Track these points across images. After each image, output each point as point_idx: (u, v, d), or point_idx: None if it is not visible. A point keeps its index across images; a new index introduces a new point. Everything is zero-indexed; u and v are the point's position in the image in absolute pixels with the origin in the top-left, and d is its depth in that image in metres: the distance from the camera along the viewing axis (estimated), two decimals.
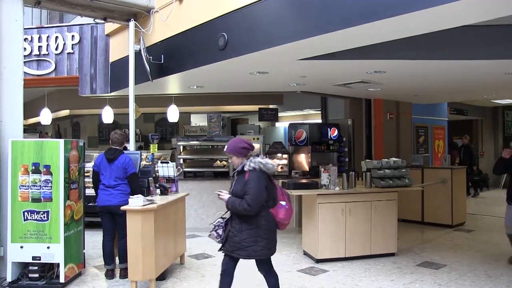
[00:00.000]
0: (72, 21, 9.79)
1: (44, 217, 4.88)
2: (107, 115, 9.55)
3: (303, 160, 8.92)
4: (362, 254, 6.03)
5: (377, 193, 6.18)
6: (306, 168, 8.69)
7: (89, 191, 5.81)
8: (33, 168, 4.89)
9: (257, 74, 6.49)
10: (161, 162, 6.06)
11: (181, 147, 8.66)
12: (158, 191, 5.62)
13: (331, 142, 8.90)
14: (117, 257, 5.35)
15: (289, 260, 6.10)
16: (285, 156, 8.50)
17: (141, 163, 5.89)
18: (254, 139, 8.40)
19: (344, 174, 6.18)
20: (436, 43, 5.03)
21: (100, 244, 5.46)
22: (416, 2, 3.36)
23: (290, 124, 9.77)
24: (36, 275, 4.90)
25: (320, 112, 10.55)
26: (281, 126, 12.35)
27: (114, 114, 9.67)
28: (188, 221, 6.39)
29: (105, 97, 9.15)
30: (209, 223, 4.06)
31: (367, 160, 7.29)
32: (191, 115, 12.37)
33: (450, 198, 8.19)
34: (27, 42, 8.23)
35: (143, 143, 11.42)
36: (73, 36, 8.42)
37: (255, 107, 10.91)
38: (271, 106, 11.19)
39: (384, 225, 6.13)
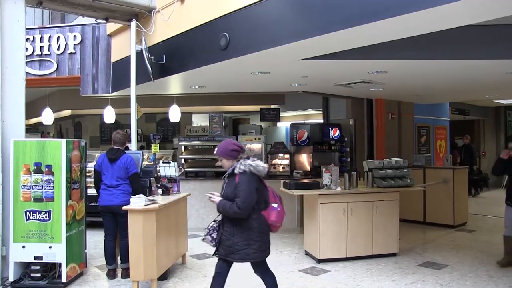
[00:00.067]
0: (74, 21, 9.79)
1: (46, 217, 4.88)
2: (109, 115, 9.56)
3: (304, 160, 8.92)
4: (363, 254, 6.03)
5: (379, 193, 6.17)
6: (308, 168, 8.68)
7: (91, 191, 5.81)
8: (35, 168, 4.89)
9: (259, 74, 6.49)
10: (163, 162, 6.06)
11: (182, 147, 8.66)
12: (159, 191, 5.62)
13: (332, 142, 8.89)
14: (118, 257, 5.36)
15: (291, 260, 6.10)
16: (287, 156, 8.49)
17: (143, 163, 5.90)
18: (255, 139, 8.40)
19: (346, 174, 6.17)
20: (438, 43, 5.02)
21: (101, 244, 5.46)
22: (417, 2, 3.37)
23: (291, 124, 9.77)
24: (38, 275, 4.91)
25: (321, 112, 10.54)
26: (283, 126, 12.35)
27: (116, 114, 9.69)
28: (190, 221, 6.39)
29: (106, 97, 9.17)
30: (204, 227, 4.03)
31: (369, 160, 7.28)
32: (193, 115, 12.38)
33: (452, 198, 8.17)
34: (29, 42, 8.24)
35: (144, 143, 11.44)
36: (75, 36, 8.43)
37: (256, 107, 10.92)
38: (272, 106, 11.20)
39: (385, 225, 6.12)
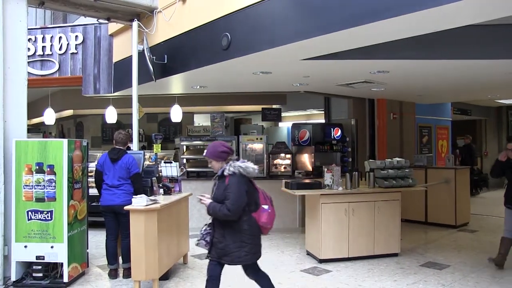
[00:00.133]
0: (75, 21, 9.81)
1: (47, 216, 4.89)
2: (111, 115, 9.57)
3: (306, 160, 8.91)
4: (365, 254, 6.02)
5: (381, 193, 6.16)
6: (309, 168, 8.68)
7: (93, 191, 5.82)
8: (37, 168, 4.90)
9: (260, 74, 6.49)
10: (164, 162, 6.06)
11: (184, 147, 8.67)
12: (161, 191, 5.62)
13: (334, 142, 8.89)
14: (120, 257, 5.37)
15: (292, 260, 6.10)
16: (288, 156, 8.49)
17: (144, 163, 5.90)
18: (257, 139, 8.40)
19: (348, 174, 6.17)
20: (439, 43, 5.01)
21: (103, 244, 5.47)
22: (419, 2, 3.36)
23: (293, 124, 9.77)
24: (40, 275, 4.93)
25: (323, 112, 10.54)
26: (284, 126, 12.35)
27: (118, 114, 9.70)
28: (191, 221, 6.39)
29: (108, 97, 9.18)
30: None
31: (371, 160, 7.28)
32: (194, 115, 12.38)
33: (454, 198, 8.16)
34: (31, 42, 8.25)
35: (146, 143, 11.43)
36: (76, 36, 8.44)
37: (258, 107, 10.91)
38: (274, 106, 11.19)
39: (387, 225, 6.11)
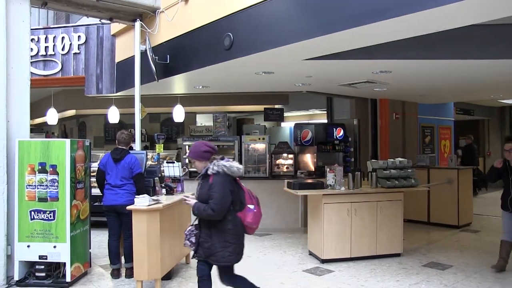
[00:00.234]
0: (78, 22, 9.84)
1: (50, 216, 4.91)
2: (113, 115, 9.59)
3: (308, 160, 8.91)
4: (367, 254, 6.01)
5: (383, 193, 6.15)
6: (312, 168, 8.68)
7: (95, 191, 5.84)
8: (40, 167, 4.92)
9: (263, 74, 6.49)
10: (167, 162, 6.07)
11: (186, 147, 8.66)
12: (163, 191, 5.63)
13: (336, 142, 8.88)
14: (122, 257, 5.37)
15: (295, 260, 6.10)
16: (291, 156, 8.49)
17: (147, 163, 5.91)
18: (259, 139, 8.40)
19: (350, 174, 6.16)
20: (441, 43, 5.00)
21: (106, 244, 5.48)
22: (419, 3, 3.36)
23: (295, 124, 9.75)
24: (43, 274, 4.94)
25: (325, 112, 10.54)
26: (287, 126, 12.35)
27: (120, 114, 9.71)
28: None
29: (111, 97, 9.19)
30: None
31: (373, 160, 7.27)
32: (197, 115, 12.39)
33: (457, 199, 8.14)
34: (33, 42, 8.27)
35: (148, 143, 11.44)
36: (79, 36, 8.46)
37: (260, 107, 10.92)
38: (276, 106, 11.19)
39: (389, 225, 6.10)
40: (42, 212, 4.91)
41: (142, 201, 4.68)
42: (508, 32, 4.91)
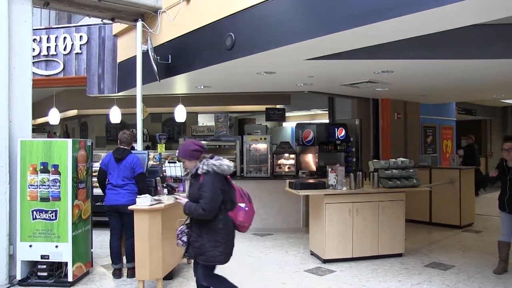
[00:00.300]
0: (80, 22, 9.85)
1: (52, 216, 4.92)
2: (115, 115, 9.61)
3: (310, 160, 8.90)
4: (369, 254, 6.01)
5: (385, 193, 6.14)
6: (313, 168, 8.67)
7: (97, 191, 5.85)
8: (42, 167, 4.93)
9: (264, 74, 6.49)
10: (169, 162, 6.07)
11: None
12: (165, 190, 5.63)
13: (338, 142, 8.86)
14: (124, 257, 5.38)
15: (296, 260, 6.10)
16: (292, 156, 8.48)
17: (149, 163, 5.91)
18: (261, 139, 8.40)
19: (352, 174, 6.15)
20: (443, 43, 5.00)
21: (107, 244, 5.49)
22: (420, 3, 3.36)
23: (297, 124, 9.76)
24: (45, 274, 4.95)
25: (327, 112, 10.53)
26: (288, 126, 12.35)
27: (122, 114, 9.73)
28: None
29: (112, 97, 9.21)
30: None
31: (375, 160, 7.26)
32: (198, 115, 12.42)
33: (459, 199, 8.13)
34: (35, 42, 8.30)
35: (150, 143, 11.48)
36: (81, 36, 8.48)
37: (262, 107, 10.92)
38: (278, 106, 11.19)
39: (391, 225, 6.09)
40: (44, 212, 4.92)
41: (144, 201, 4.69)
42: (509, 32, 4.90)
